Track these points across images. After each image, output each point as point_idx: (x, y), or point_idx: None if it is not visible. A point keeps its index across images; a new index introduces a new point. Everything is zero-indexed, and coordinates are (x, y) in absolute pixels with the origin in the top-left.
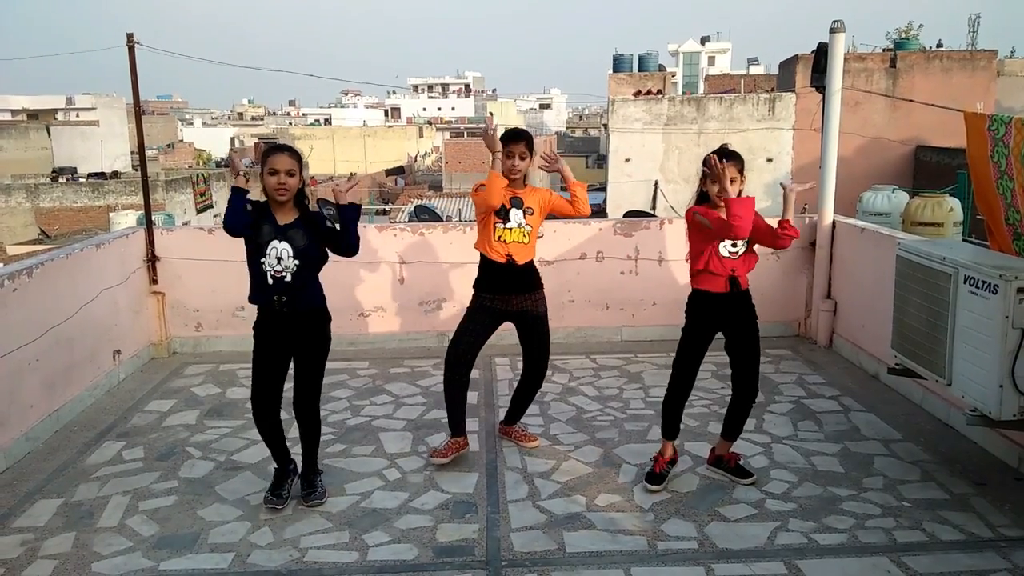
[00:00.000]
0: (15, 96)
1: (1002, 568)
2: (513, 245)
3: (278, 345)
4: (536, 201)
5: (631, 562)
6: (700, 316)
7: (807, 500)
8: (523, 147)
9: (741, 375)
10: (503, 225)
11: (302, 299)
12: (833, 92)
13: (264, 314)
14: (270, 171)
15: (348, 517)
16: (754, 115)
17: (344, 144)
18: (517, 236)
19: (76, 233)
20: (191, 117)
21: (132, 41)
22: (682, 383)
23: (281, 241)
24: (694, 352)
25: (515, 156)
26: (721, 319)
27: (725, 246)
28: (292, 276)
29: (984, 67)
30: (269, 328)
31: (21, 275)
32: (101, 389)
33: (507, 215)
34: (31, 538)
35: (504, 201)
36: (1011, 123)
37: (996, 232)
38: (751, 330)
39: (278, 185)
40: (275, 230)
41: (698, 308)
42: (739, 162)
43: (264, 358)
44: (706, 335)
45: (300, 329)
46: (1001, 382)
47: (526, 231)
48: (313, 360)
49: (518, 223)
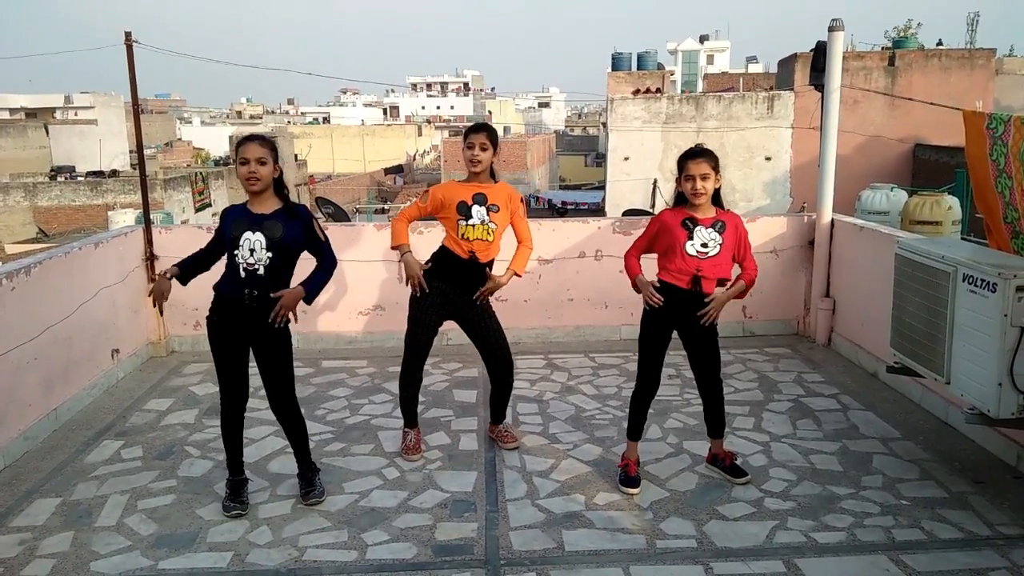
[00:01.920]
0: (14, 94)
1: (1000, 566)
2: (477, 243)
3: (238, 339)
4: (503, 199)
5: (630, 561)
6: (655, 310)
7: (806, 499)
8: (483, 137)
9: (704, 377)
10: (465, 222)
11: (272, 299)
12: (832, 90)
13: (226, 304)
14: (241, 160)
15: (347, 516)
16: (753, 113)
17: (343, 143)
18: (480, 233)
19: (74, 232)
20: (189, 116)
21: (130, 39)
22: (643, 381)
23: (255, 232)
24: (651, 346)
25: (475, 147)
26: (677, 317)
27: (693, 244)
28: (264, 269)
29: (983, 65)
30: (228, 320)
31: (19, 274)
32: (100, 388)
33: (468, 212)
34: (29, 537)
35: (465, 197)
36: (1010, 121)
37: (995, 230)
38: (708, 336)
39: (248, 174)
40: (249, 220)
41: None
42: (711, 159)
43: (226, 354)
44: (659, 332)
45: (260, 322)
46: (1000, 380)
47: (490, 228)
48: (278, 356)
49: (481, 220)
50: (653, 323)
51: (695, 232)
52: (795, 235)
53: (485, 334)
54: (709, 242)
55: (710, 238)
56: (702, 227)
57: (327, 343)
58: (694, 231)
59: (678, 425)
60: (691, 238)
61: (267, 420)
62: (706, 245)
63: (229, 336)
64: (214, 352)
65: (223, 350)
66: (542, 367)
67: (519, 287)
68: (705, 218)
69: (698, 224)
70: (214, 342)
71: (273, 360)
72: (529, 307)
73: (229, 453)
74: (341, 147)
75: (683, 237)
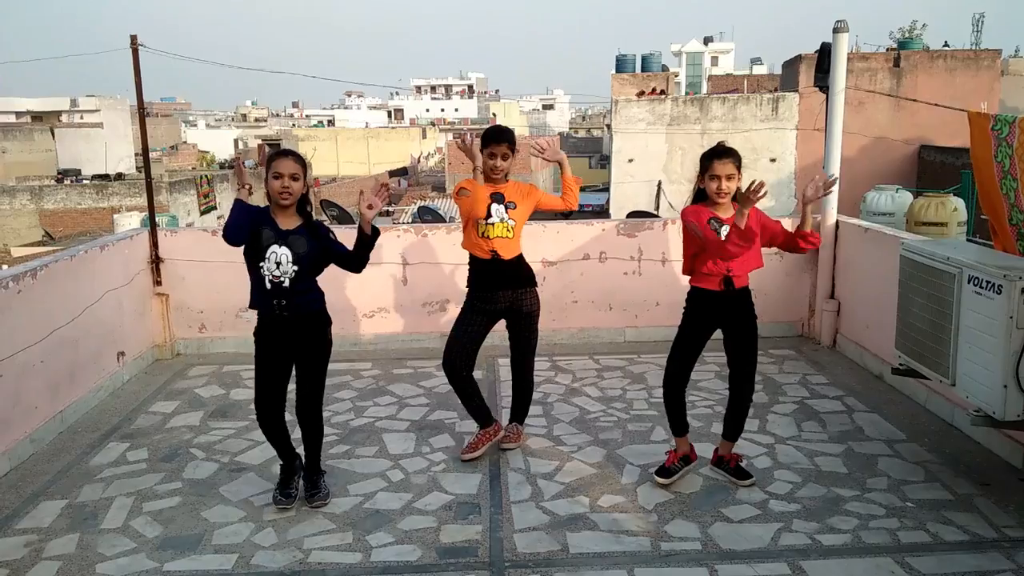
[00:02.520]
0: (20, 98)
1: (1006, 568)
2: (497, 240)
3: (279, 350)
4: (518, 195)
5: (634, 563)
6: (696, 313)
7: (811, 501)
8: (505, 148)
9: (736, 375)
10: (485, 221)
11: (301, 304)
12: (836, 92)
13: (264, 319)
14: (274, 175)
15: (351, 518)
16: (757, 115)
17: (347, 145)
18: (500, 231)
19: (80, 235)
20: (195, 119)
21: (136, 43)
22: (676, 376)
23: (281, 246)
24: (689, 347)
25: (497, 157)
26: (718, 317)
27: None
28: (290, 281)
29: (988, 66)
30: (269, 333)
31: (25, 277)
32: (105, 391)
33: (488, 211)
34: (35, 539)
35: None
36: (1015, 123)
37: (1000, 232)
38: (748, 330)
39: (282, 189)
40: (276, 235)
41: (695, 305)
42: (736, 159)
43: (266, 363)
44: (702, 332)
45: (300, 333)
46: (1005, 382)
47: (509, 226)
48: (314, 364)
49: (500, 218)
50: (695, 324)
51: (722, 232)
52: None
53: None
54: None
55: None
56: (727, 226)
57: (333, 345)
58: (720, 231)
59: None
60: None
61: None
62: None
63: (275, 347)
64: (258, 362)
65: (268, 361)
66: (547, 369)
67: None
68: (729, 217)
69: (723, 223)
70: (261, 352)
71: (313, 368)
72: None
73: (276, 447)
74: (346, 150)
75: (713, 236)
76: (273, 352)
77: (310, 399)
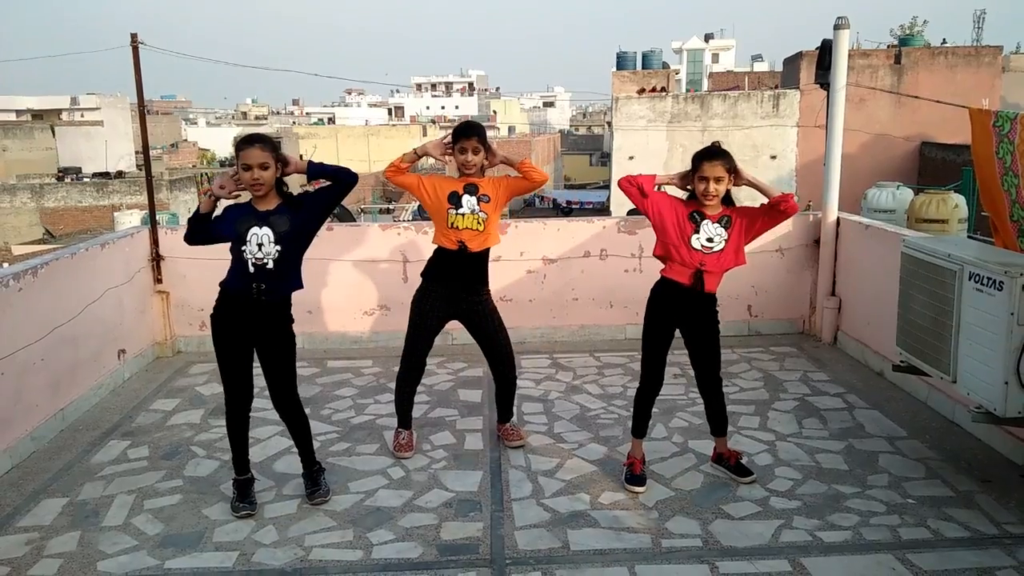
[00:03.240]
0: (20, 96)
1: (1007, 565)
2: (466, 232)
3: (243, 337)
4: (492, 188)
5: (635, 560)
6: (658, 307)
7: (811, 497)
8: (475, 142)
9: (700, 376)
10: (455, 211)
11: (282, 287)
12: (837, 89)
13: (230, 302)
14: (243, 166)
15: (352, 515)
16: (758, 112)
17: (348, 143)
18: (470, 223)
19: (81, 233)
20: (195, 117)
21: (136, 41)
22: (647, 379)
23: (262, 227)
24: (654, 343)
25: (468, 151)
26: (680, 314)
27: (698, 238)
28: (274, 263)
29: (989, 63)
30: (234, 318)
31: (26, 275)
32: (106, 388)
33: (459, 201)
34: (36, 537)
35: (457, 188)
36: (1016, 119)
37: (1001, 229)
38: (709, 335)
39: (252, 181)
40: (256, 216)
41: (658, 298)
42: (727, 161)
43: (231, 350)
44: (663, 327)
45: (269, 319)
46: (1006, 379)
47: (480, 218)
48: (282, 350)
49: (471, 209)
50: (656, 320)
51: (702, 226)
52: (801, 234)
53: (488, 332)
54: (715, 237)
55: (716, 233)
56: (709, 221)
57: (332, 343)
58: (701, 225)
59: (683, 424)
60: (697, 232)
61: (273, 420)
62: (712, 240)
63: (234, 333)
64: (218, 350)
65: (228, 348)
66: (547, 367)
67: (524, 287)
68: (713, 214)
69: (706, 218)
70: (219, 339)
71: (277, 357)
72: (534, 307)
73: (235, 452)
74: (346, 147)
75: (690, 230)
76: (237, 338)
77: (285, 388)
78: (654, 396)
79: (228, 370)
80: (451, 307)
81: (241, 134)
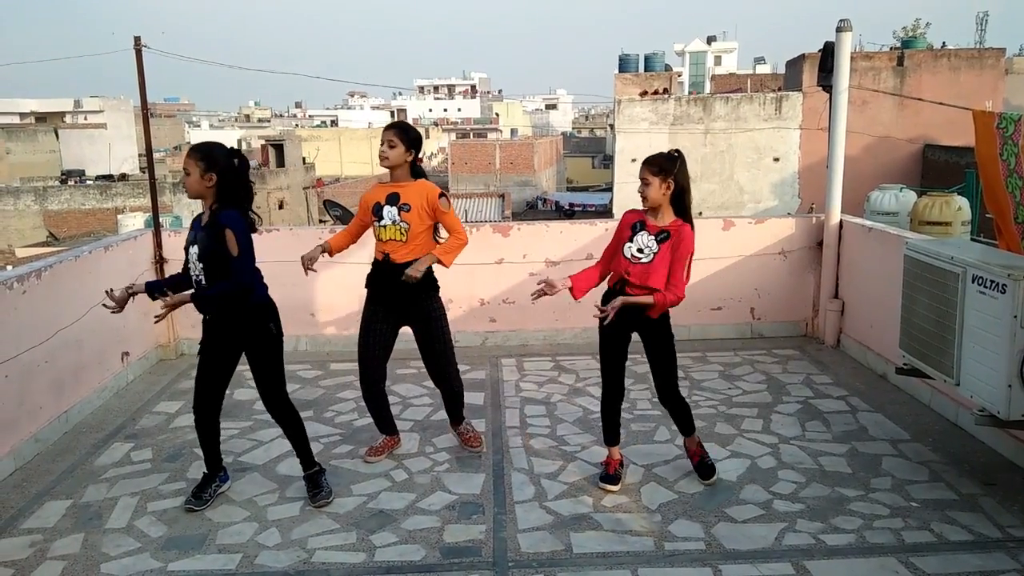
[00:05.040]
0: (24, 99)
1: (1011, 569)
2: (390, 243)
3: (217, 345)
4: (416, 197)
5: (638, 563)
6: None
7: (815, 500)
8: (391, 134)
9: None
10: (378, 223)
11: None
12: (840, 91)
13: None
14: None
15: (355, 518)
16: (761, 114)
17: (350, 146)
18: (392, 234)
19: (84, 235)
20: (198, 119)
21: (139, 44)
22: (607, 386)
23: (194, 245)
24: (609, 352)
25: (384, 143)
26: (631, 322)
27: (630, 248)
28: (205, 279)
29: (992, 65)
30: (207, 328)
31: (30, 277)
32: (109, 391)
33: (380, 212)
34: (40, 539)
35: (379, 198)
36: (1020, 121)
37: (1005, 231)
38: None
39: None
40: (195, 230)
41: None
42: (655, 164)
43: (206, 356)
44: (615, 335)
45: (233, 330)
46: (1010, 382)
47: (402, 228)
48: (258, 356)
49: (392, 220)
50: (606, 330)
51: (636, 236)
52: (803, 236)
53: (425, 339)
54: (644, 248)
55: (646, 245)
56: (646, 233)
57: (335, 345)
58: (636, 235)
59: None
60: (631, 241)
61: (275, 422)
62: (641, 251)
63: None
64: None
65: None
66: (550, 369)
67: (527, 289)
68: (654, 225)
69: (644, 229)
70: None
71: (257, 359)
72: (536, 309)
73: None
74: (349, 150)
75: (625, 238)
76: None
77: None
78: (617, 404)
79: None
80: (395, 313)
81: (246, 135)
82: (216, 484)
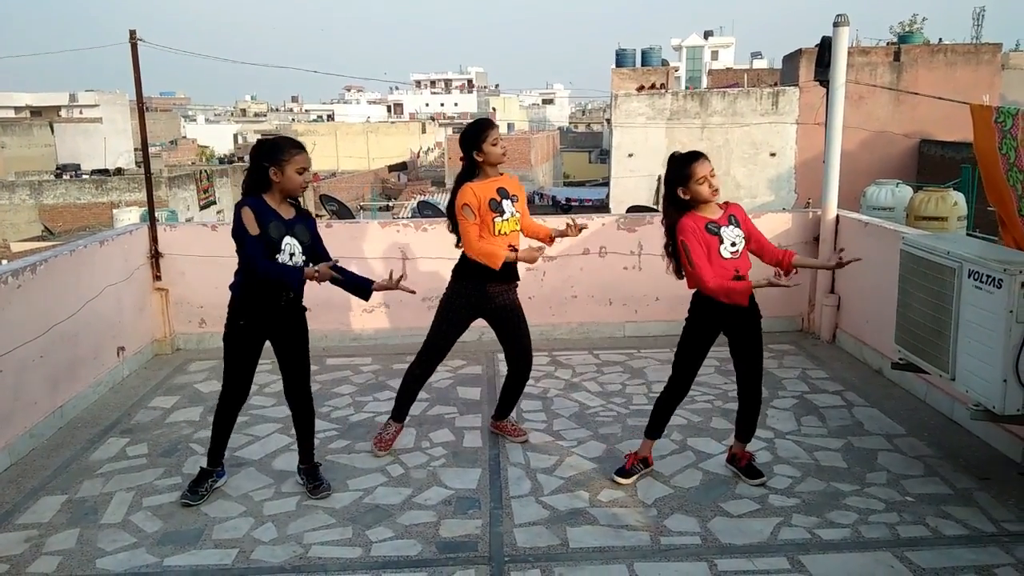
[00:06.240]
0: (19, 93)
1: (1005, 563)
2: (512, 235)
3: (260, 338)
4: (516, 187)
5: (634, 557)
6: (703, 317)
7: (810, 495)
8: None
9: (744, 379)
10: (500, 218)
11: (302, 292)
12: (837, 86)
13: (257, 309)
14: (300, 169)
15: (351, 513)
16: (757, 109)
17: (347, 140)
18: (512, 226)
19: (80, 230)
20: (194, 114)
21: (135, 38)
22: (680, 385)
23: (291, 236)
24: (695, 354)
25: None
26: (725, 321)
27: (725, 247)
28: None
29: (988, 60)
30: (259, 323)
31: (25, 272)
32: (105, 386)
33: (500, 208)
34: (35, 534)
35: (493, 195)
36: (1018, 115)
37: (1009, 223)
38: (755, 333)
39: (305, 184)
40: (285, 225)
41: (702, 308)
42: None
43: (249, 351)
44: (708, 337)
45: (288, 320)
46: (1005, 377)
47: (516, 218)
48: (301, 345)
49: (512, 213)
50: (700, 329)
51: (722, 234)
52: (800, 231)
53: (516, 327)
54: (736, 240)
55: (735, 235)
56: (723, 227)
57: (332, 340)
58: (721, 233)
59: (682, 422)
60: (722, 241)
61: (272, 417)
62: (735, 244)
63: (257, 338)
64: (236, 353)
65: (248, 352)
66: (546, 364)
67: (523, 284)
68: (718, 217)
69: (719, 225)
70: (241, 344)
71: (296, 350)
72: (533, 304)
73: (218, 441)
74: (345, 144)
75: (715, 242)
76: (256, 341)
77: (303, 380)
78: (680, 401)
79: (241, 371)
80: (482, 304)
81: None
82: (213, 479)
